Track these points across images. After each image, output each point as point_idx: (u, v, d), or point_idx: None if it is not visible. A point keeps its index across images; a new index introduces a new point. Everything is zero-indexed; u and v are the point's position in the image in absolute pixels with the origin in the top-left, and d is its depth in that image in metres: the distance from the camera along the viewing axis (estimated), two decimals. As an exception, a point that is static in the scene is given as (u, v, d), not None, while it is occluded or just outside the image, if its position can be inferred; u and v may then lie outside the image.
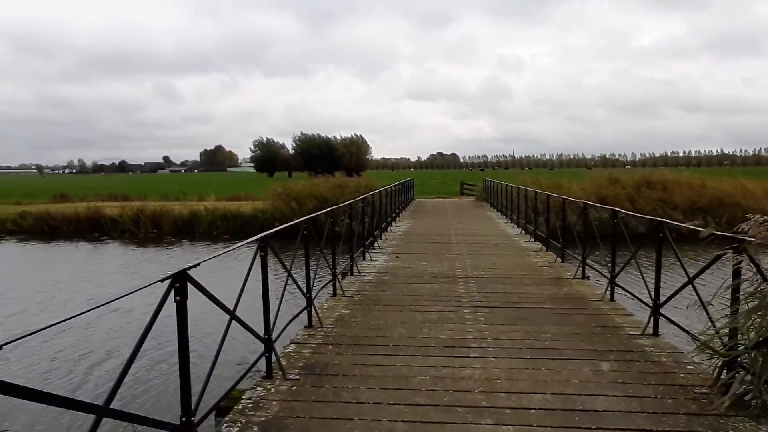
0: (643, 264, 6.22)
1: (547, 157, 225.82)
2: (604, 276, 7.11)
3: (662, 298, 5.31)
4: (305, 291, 5.68)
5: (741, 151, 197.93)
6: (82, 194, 37.67)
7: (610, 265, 6.76)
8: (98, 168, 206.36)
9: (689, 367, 4.50)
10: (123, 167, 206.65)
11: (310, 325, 5.69)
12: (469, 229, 14.80)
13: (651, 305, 5.41)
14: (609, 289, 6.72)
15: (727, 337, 4.00)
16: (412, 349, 4.96)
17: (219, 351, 3.50)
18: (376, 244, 11.25)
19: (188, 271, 2.95)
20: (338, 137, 79.72)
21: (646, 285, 5.59)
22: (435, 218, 18.08)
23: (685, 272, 4.77)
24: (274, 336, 4.45)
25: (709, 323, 4.32)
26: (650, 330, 5.35)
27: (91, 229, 25.62)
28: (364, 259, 9.65)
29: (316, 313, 5.79)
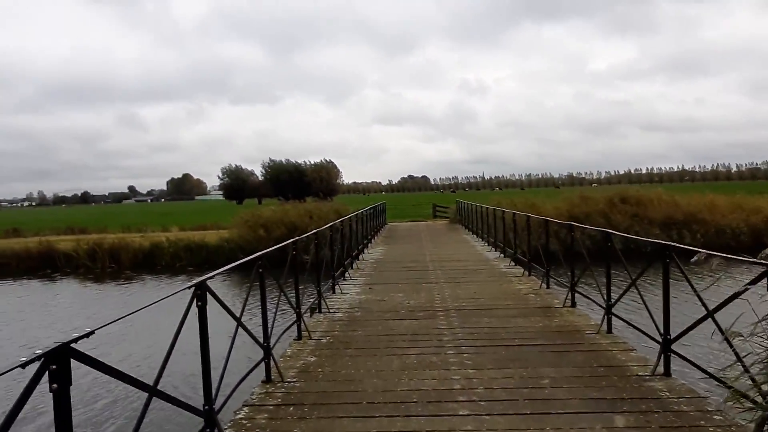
0: (641, 289, 5.56)
1: (516, 177, 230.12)
2: (598, 304, 6.47)
3: (672, 332, 4.65)
4: (262, 340, 4.83)
5: (700, 167, 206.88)
6: (37, 228, 35.73)
7: (605, 293, 6.12)
8: (59, 200, 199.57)
9: (716, 417, 3.81)
10: (86, 198, 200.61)
11: (268, 380, 4.82)
12: (445, 253, 14.12)
13: (660, 341, 4.74)
14: (605, 320, 6.05)
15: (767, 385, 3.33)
16: (389, 408, 4.14)
17: None
18: (346, 275, 10.43)
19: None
20: (308, 162, 79.05)
21: (652, 317, 4.94)
22: (409, 243, 17.37)
23: (704, 305, 4.11)
24: (217, 404, 3.58)
25: (735, 362, 3.65)
26: (661, 369, 4.67)
27: (44, 265, 23.98)
28: (333, 292, 8.81)
29: (276, 364, 4.92)
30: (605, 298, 6.10)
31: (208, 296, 3.56)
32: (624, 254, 5.80)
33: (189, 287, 3.43)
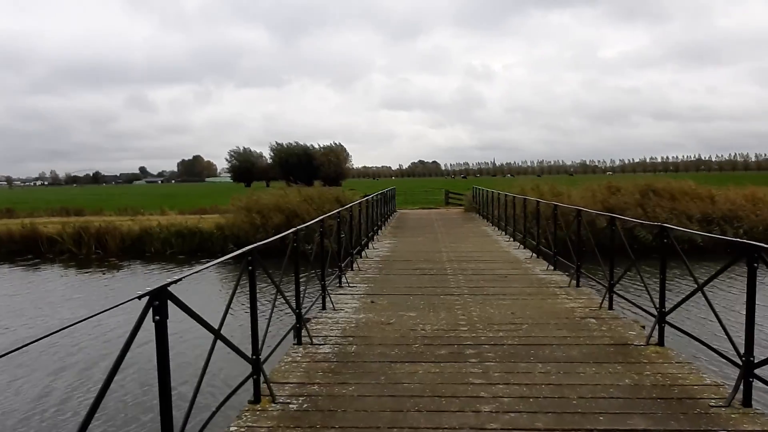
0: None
1: (528, 164, 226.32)
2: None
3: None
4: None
5: (717, 156, 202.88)
6: (32, 208, 34.10)
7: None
8: (71, 180, 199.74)
9: None
10: (97, 178, 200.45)
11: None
12: (464, 250, 11.95)
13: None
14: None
15: None
16: None
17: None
18: (343, 279, 8.31)
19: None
20: (317, 146, 76.84)
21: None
22: (421, 235, 15.20)
23: None
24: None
25: None
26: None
27: (26, 250, 22.21)
28: (324, 308, 6.70)
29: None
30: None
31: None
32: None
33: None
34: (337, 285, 8.07)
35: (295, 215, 20.76)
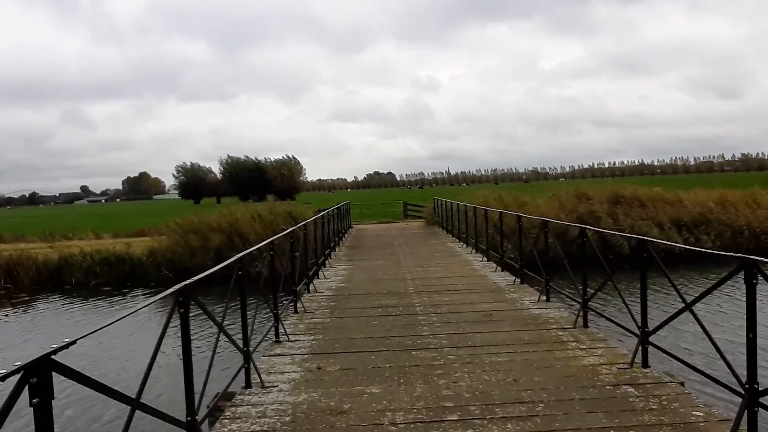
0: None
1: (483, 172, 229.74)
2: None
3: None
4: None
5: (658, 161, 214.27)
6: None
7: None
8: (5, 201, 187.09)
9: None
10: (33, 199, 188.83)
11: None
12: (433, 275, 10.12)
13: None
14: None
15: None
16: None
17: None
18: (281, 330, 6.27)
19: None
20: (269, 159, 73.99)
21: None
22: (381, 257, 13.29)
23: None
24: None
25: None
26: None
27: None
28: (248, 386, 4.65)
29: None
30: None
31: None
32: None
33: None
34: (293, 312, 6.06)
35: (239, 235, 18.50)
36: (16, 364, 1.92)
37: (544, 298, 7.69)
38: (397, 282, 9.54)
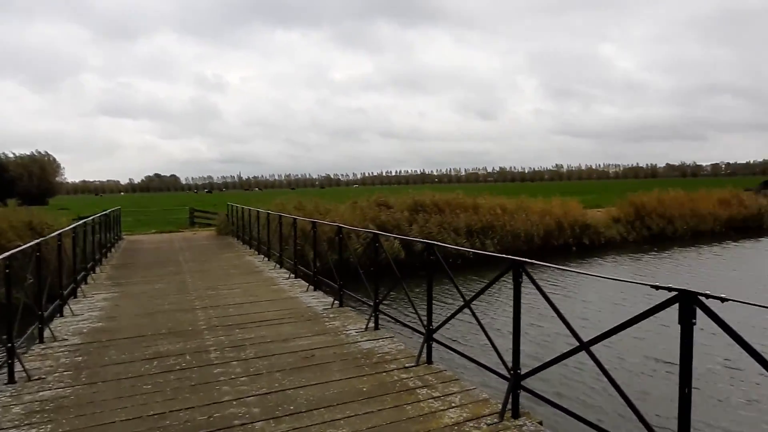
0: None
1: (276, 177, 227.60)
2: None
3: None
4: None
5: (437, 170, 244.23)
6: None
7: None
8: None
9: None
10: None
11: None
12: (232, 302, 8.02)
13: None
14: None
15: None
16: None
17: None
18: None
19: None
20: (11, 155, 59.92)
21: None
22: (160, 278, 10.55)
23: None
24: None
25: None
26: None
27: None
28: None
29: None
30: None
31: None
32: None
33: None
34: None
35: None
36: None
37: (372, 325, 6.38)
38: (183, 314, 7.23)
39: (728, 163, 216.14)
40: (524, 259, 3.85)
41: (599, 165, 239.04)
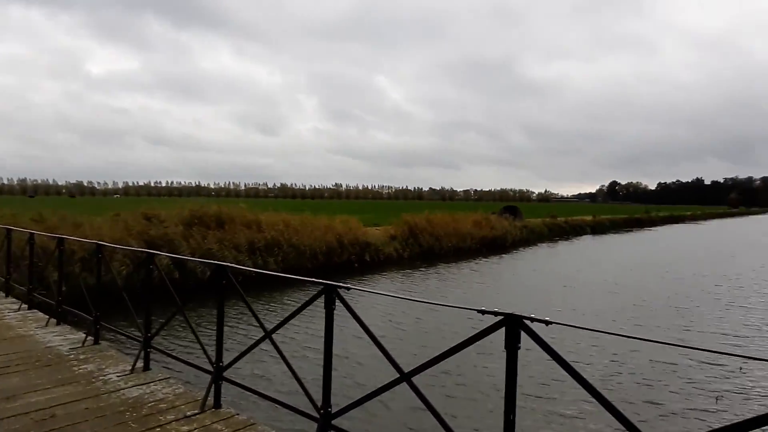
0: None
1: (6, 182, 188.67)
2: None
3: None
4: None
5: (214, 183, 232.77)
6: None
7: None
8: None
9: None
10: None
11: None
12: None
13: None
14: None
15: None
16: None
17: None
18: None
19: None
20: None
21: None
22: None
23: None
24: None
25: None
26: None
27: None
28: None
29: None
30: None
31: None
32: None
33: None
34: None
35: None
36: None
37: (141, 365, 5.09)
38: None
39: (476, 190, 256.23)
40: (338, 284, 3.56)
41: (374, 186, 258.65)
